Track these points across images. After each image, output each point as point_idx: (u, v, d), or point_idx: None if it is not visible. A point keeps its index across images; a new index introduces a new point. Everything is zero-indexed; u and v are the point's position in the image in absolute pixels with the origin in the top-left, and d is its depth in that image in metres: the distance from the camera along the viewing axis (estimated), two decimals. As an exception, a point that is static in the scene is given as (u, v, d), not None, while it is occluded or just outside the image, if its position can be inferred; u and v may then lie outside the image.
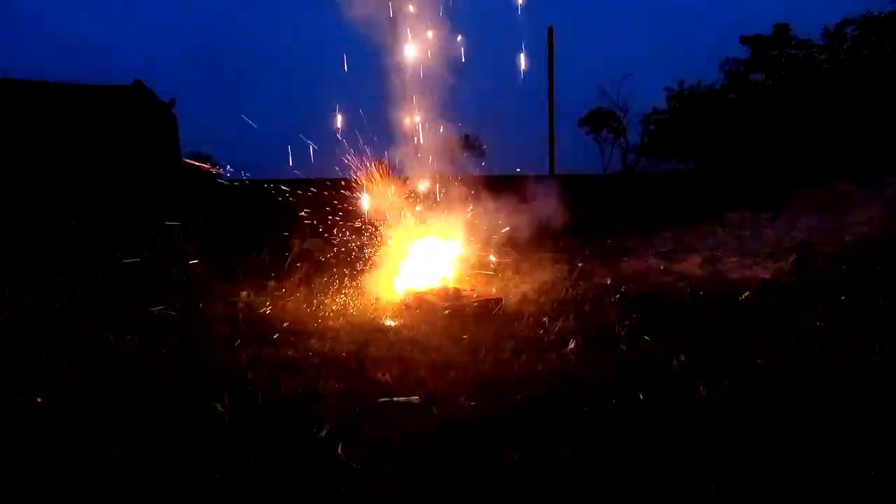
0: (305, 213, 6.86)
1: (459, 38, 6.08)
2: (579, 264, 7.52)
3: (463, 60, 6.10)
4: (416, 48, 6.03)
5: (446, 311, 5.03)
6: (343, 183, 6.63)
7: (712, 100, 20.09)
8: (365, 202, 6.37)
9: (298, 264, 6.63)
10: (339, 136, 6.22)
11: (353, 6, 5.73)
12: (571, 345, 4.07)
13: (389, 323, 5.00)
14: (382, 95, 6.25)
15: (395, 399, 3.16)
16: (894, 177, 11.84)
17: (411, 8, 5.90)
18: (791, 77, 18.51)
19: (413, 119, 6.25)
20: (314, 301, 5.68)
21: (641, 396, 3.06)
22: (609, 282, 6.41)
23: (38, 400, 3.30)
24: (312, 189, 6.93)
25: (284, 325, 4.87)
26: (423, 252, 6.20)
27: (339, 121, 6.33)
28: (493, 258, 6.53)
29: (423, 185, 6.48)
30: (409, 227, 6.35)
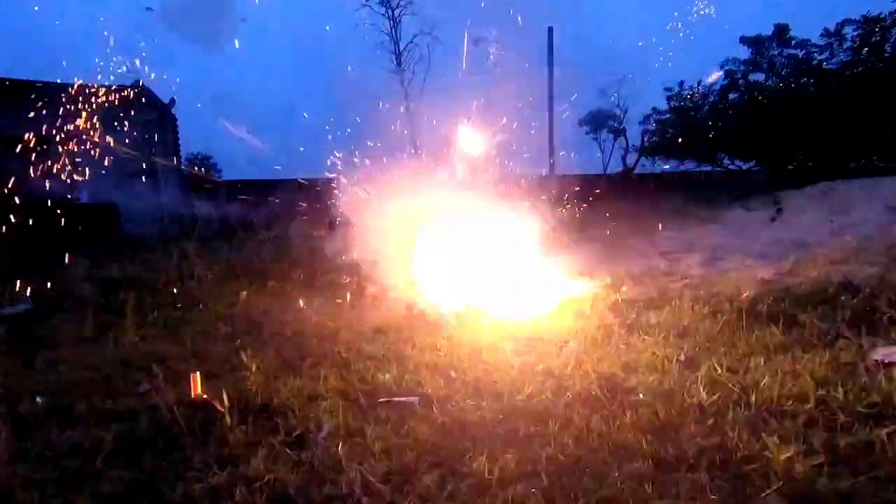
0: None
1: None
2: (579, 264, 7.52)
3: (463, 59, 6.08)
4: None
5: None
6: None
7: (712, 100, 20.08)
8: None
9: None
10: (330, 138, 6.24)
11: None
12: (572, 345, 4.07)
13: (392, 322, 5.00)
14: (381, 95, 6.26)
15: (395, 399, 3.16)
16: (894, 176, 11.83)
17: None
18: (791, 77, 18.50)
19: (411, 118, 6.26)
20: (315, 301, 5.69)
21: (641, 396, 3.06)
22: (609, 281, 6.42)
23: (38, 400, 3.30)
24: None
25: (285, 324, 4.87)
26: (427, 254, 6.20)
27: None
28: None
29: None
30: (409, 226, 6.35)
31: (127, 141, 12.54)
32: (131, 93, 12.77)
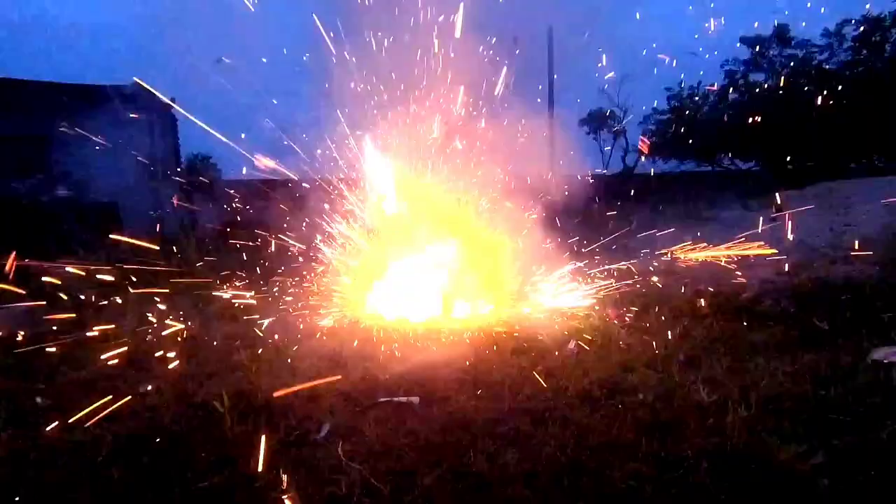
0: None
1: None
2: (579, 264, 7.51)
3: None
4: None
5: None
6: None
7: (712, 100, 20.11)
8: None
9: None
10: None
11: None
12: (571, 345, 4.07)
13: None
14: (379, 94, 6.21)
15: (395, 399, 3.16)
16: (893, 175, 11.84)
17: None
18: (791, 77, 18.52)
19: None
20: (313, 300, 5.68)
21: (641, 396, 3.06)
22: (608, 282, 6.41)
23: (38, 400, 3.30)
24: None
25: (284, 322, 4.86)
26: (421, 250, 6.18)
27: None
28: None
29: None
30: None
31: (126, 141, 12.53)
32: (130, 93, 12.75)
